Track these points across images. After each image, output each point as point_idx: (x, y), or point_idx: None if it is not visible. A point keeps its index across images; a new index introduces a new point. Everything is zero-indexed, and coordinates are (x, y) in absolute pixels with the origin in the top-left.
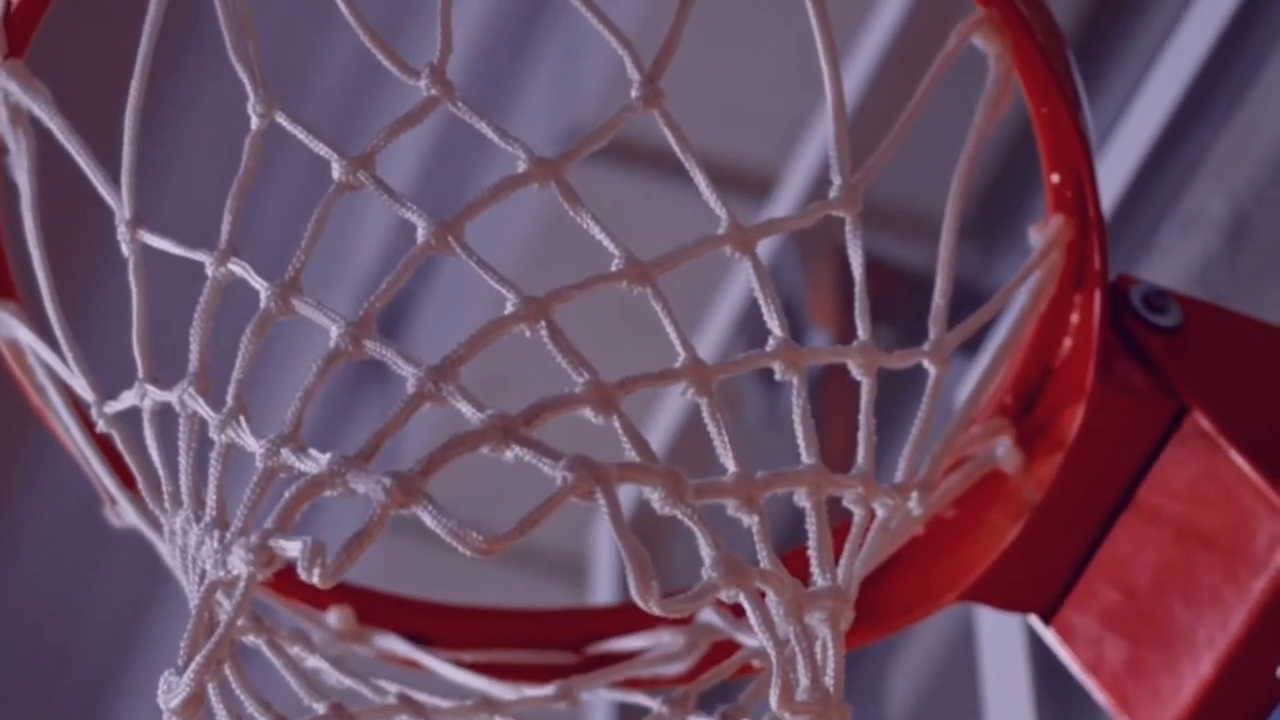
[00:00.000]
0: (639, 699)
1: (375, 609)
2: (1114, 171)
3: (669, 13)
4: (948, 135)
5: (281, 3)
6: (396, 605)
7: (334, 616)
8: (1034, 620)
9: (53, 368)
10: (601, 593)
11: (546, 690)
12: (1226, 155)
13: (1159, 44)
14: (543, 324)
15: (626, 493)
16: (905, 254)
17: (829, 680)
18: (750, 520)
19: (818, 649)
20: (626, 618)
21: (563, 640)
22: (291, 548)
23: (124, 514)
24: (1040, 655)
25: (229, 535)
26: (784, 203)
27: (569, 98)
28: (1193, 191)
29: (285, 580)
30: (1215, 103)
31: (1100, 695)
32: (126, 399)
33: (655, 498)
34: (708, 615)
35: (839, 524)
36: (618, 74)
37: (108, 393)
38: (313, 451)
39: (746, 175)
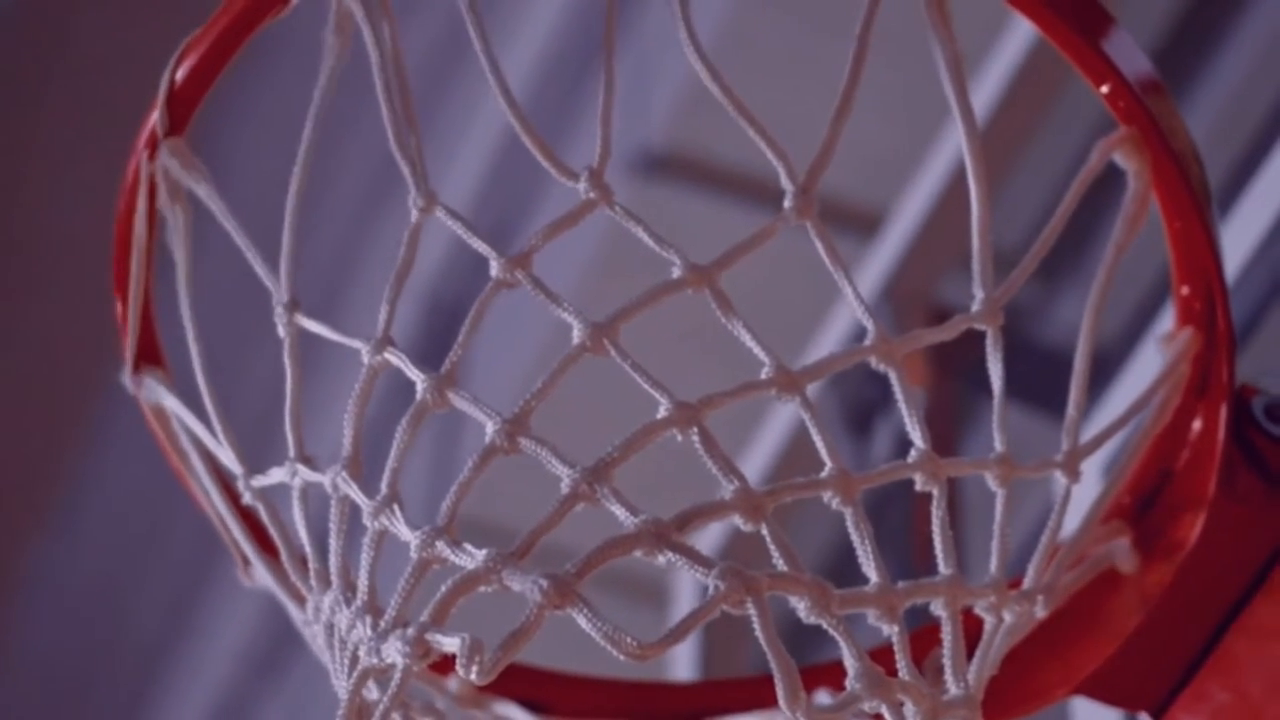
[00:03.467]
0: None
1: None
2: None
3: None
4: (1025, 179)
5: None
6: (515, 672)
7: (455, 682)
8: (1144, 719)
9: (197, 435)
10: (682, 612)
11: None
12: None
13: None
14: (694, 429)
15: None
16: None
17: None
18: (890, 630)
19: None
20: (737, 694)
21: (677, 714)
22: (449, 643)
23: (256, 576)
24: None
25: (383, 624)
26: (889, 245)
27: (638, 118)
28: None
29: None
30: None
31: None
32: (276, 475)
33: (801, 607)
34: (823, 698)
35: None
36: (687, 95)
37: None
38: (467, 546)
39: (852, 213)
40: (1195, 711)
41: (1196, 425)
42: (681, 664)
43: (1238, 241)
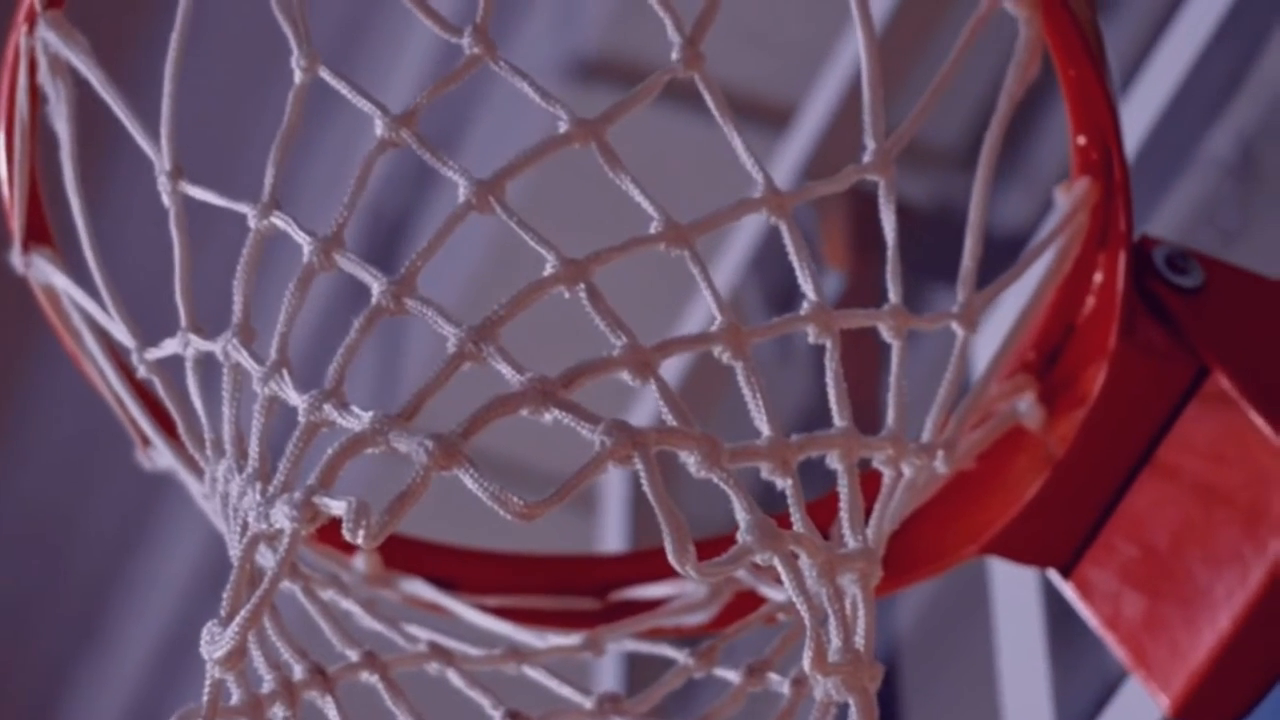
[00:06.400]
0: (664, 650)
1: (401, 553)
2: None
3: None
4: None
5: None
6: (422, 549)
7: (361, 561)
8: (1053, 574)
9: (89, 313)
10: (610, 514)
11: (573, 640)
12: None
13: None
14: (582, 286)
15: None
16: (907, 187)
17: (860, 640)
18: (784, 484)
19: (848, 608)
20: (648, 565)
21: (585, 586)
22: (336, 506)
23: (157, 457)
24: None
25: (272, 489)
26: (802, 135)
27: (571, 22)
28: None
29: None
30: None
31: (1117, 649)
32: (169, 346)
33: (691, 461)
34: None
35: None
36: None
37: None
38: (354, 408)
39: (764, 104)
40: (1103, 565)
41: (1098, 277)
42: (611, 541)
43: (1140, 115)
